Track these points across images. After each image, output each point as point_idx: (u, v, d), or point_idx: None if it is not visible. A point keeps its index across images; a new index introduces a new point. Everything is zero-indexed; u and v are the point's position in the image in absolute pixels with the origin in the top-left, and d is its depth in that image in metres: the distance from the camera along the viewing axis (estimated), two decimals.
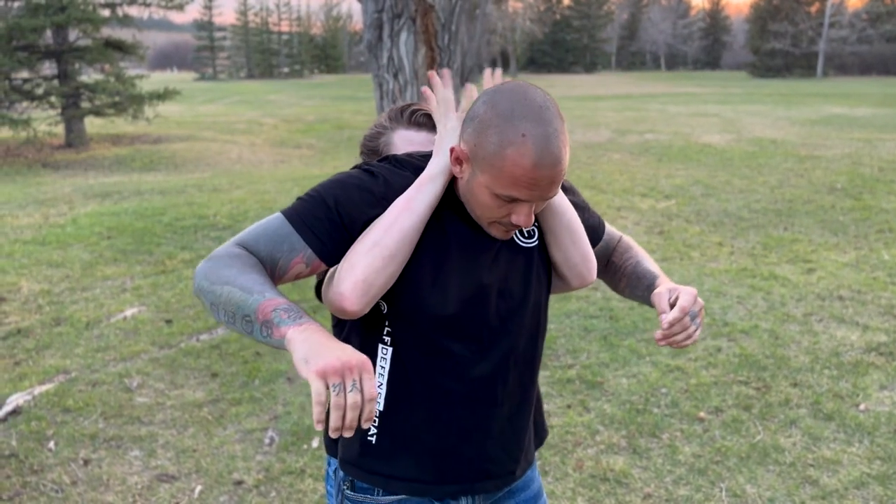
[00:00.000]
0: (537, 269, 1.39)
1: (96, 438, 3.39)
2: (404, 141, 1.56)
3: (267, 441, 3.38)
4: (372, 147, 1.61)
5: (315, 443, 3.35)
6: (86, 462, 3.21)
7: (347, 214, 1.26)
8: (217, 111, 25.75)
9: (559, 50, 72.17)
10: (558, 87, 36.75)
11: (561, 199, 1.38)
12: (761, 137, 14.38)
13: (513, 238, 1.36)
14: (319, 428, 1.04)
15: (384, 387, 1.35)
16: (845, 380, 3.93)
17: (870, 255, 6.15)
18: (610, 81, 46.03)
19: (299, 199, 1.29)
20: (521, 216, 1.22)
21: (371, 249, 1.23)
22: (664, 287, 1.37)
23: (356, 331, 1.40)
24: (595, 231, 1.51)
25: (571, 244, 1.39)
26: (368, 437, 1.37)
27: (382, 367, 1.36)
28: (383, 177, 1.31)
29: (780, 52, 57.67)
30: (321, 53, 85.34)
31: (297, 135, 17.62)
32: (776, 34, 57.32)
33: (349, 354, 1.04)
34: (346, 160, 12.09)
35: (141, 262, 6.09)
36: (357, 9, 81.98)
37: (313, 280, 1.50)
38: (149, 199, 8.76)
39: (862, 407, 3.64)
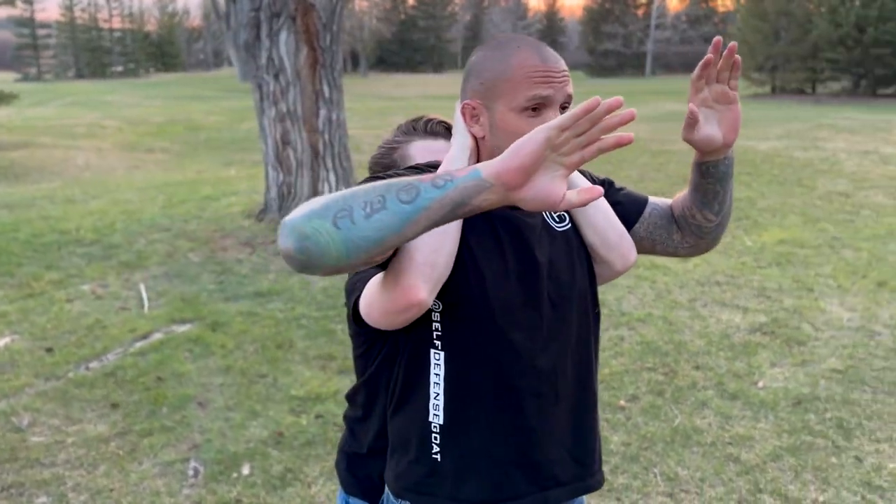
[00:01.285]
0: (577, 252, 1.37)
1: None
2: (423, 150, 1.57)
3: (191, 472, 3.15)
4: (386, 164, 1.60)
5: (246, 469, 3.16)
6: None
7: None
8: (50, 114, 23.72)
9: (407, 49, 72.75)
10: (410, 87, 37.05)
11: (581, 178, 1.38)
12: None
13: (546, 222, 1.34)
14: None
15: (441, 396, 1.28)
16: (740, 360, 4.24)
17: (734, 242, 6.67)
18: (459, 81, 46.93)
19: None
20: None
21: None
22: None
23: (398, 343, 1.32)
24: (637, 204, 1.45)
25: (605, 221, 1.38)
26: (433, 456, 1.29)
27: (437, 375, 1.29)
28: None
29: (613, 53, 61.24)
30: (157, 51, 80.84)
31: (146, 138, 16.59)
32: (609, 35, 60.80)
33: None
34: (207, 164, 11.53)
35: (2, 286, 5.48)
36: (194, 4, 78.37)
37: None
38: None
39: (760, 384, 3.93)
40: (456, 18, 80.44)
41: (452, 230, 1.19)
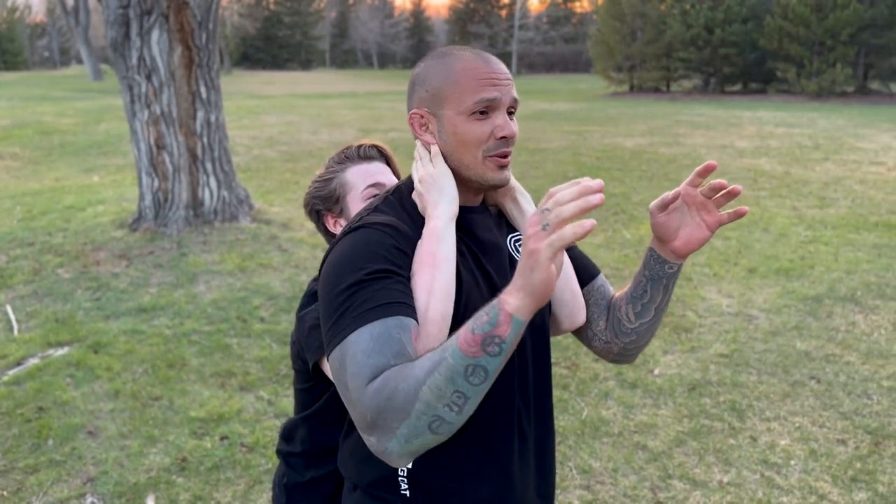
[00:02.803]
0: None
1: None
2: (361, 174, 1.60)
3: None
4: (325, 195, 1.62)
5: (150, 500, 2.95)
6: None
7: (400, 266, 1.17)
8: None
9: (273, 46, 70.91)
10: (279, 84, 36.11)
11: None
12: None
13: (513, 258, 1.33)
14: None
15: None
16: None
17: (615, 236, 6.96)
18: (329, 79, 46.35)
19: (347, 298, 1.11)
20: (503, 125, 1.21)
21: (423, 317, 1.14)
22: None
23: None
24: (587, 270, 1.45)
25: (563, 278, 1.37)
26: (402, 493, 1.25)
27: None
28: (383, 223, 1.22)
29: None
30: None
31: None
32: (475, 35, 62.03)
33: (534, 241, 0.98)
34: (66, 170, 10.72)
35: None
36: None
37: None
38: None
39: (656, 372, 4.12)
40: (322, 15, 79.29)
41: (450, 308, 1.18)
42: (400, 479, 1.27)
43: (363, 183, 1.59)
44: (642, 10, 31.19)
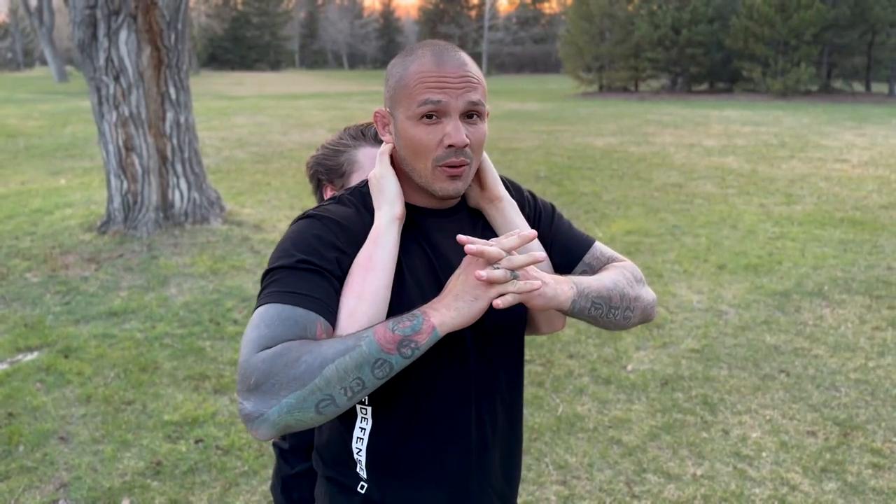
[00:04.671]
0: None
1: None
2: (371, 158, 1.56)
3: None
4: (331, 165, 1.59)
5: (126, 503, 2.92)
6: None
7: (329, 263, 1.16)
8: None
9: (241, 47, 70.29)
10: (248, 85, 35.81)
11: (520, 219, 1.33)
12: None
13: None
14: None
15: (364, 453, 1.26)
16: (608, 346, 4.47)
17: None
18: (299, 79, 46.06)
19: (272, 279, 1.14)
20: (451, 133, 1.16)
21: (349, 319, 1.13)
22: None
23: None
24: (569, 251, 1.37)
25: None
26: (358, 490, 1.27)
27: (363, 429, 1.26)
28: (328, 217, 1.21)
29: None
30: None
31: None
32: (445, 36, 62.07)
33: (471, 287, 1.09)
34: (32, 173, 10.52)
35: None
36: None
37: None
38: None
39: (629, 368, 4.17)
40: (291, 16, 78.80)
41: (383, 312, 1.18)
42: (360, 485, 1.28)
43: (371, 167, 1.54)
44: (610, 11, 31.49)
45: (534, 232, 1.11)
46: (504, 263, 1.07)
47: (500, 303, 1.06)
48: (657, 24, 29.97)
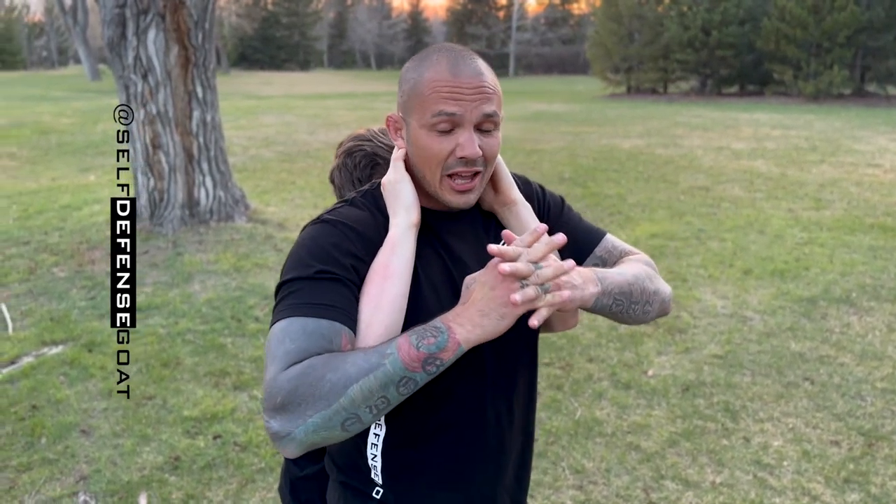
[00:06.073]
0: None
1: None
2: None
3: None
4: (358, 159, 1.61)
5: (143, 500, 2.95)
6: None
7: (348, 271, 1.15)
8: None
9: (271, 47, 70.88)
10: (277, 85, 36.09)
11: (530, 216, 1.33)
12: None
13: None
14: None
15: (378, 459, 1.26)
16: (628, 350, 4.42)
17: None
18: (328, 79, 46.33)
19: (290, 290, 1.13)
20: (465, 144, 1.15)
21: (367, 329, 1.12)
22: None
23: None
24: (579, 243, 1.35)
25: None
26: (374, 496, 1.26)
27: (377, 435, 1.25)
28: (342, 222, 1.21)
29: (478, 54, 62.42)
30: None
31: None
32: (473, 37, 61.99)
33: (494, 289, 1.05)
34: (63, 170, 10.70)
35: None
36: None
37: None
38: None
39: (650, 373, 4.12)
40: (320, 16, 79.30)
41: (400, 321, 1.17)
42: (375, 490, 1.28)
43: None
44: (639, 12, 31.21)
45: (544, 227, 1.09)
46: (533, 280, 1.04)
47: (535, 322, 1.04)
48: (687, 26, 29.64)
